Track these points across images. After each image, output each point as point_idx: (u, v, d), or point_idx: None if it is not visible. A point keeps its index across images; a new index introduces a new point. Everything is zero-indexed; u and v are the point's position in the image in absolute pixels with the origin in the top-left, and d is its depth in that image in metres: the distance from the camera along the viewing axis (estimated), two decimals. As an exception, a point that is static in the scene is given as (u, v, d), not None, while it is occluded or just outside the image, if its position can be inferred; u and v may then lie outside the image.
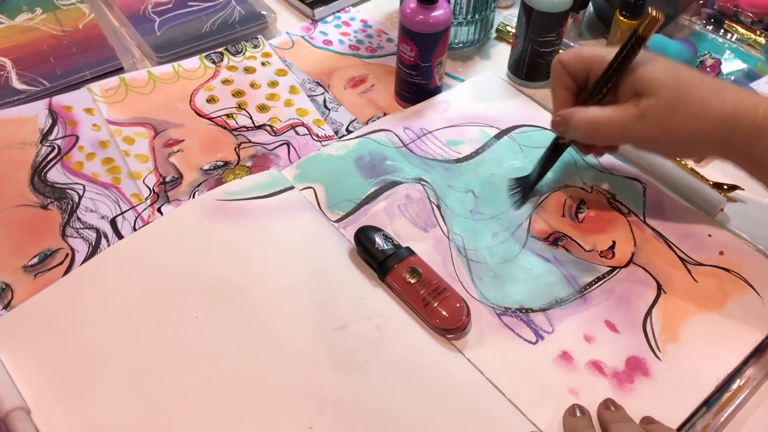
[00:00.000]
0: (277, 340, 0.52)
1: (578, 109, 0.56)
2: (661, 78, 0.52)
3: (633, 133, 0.54)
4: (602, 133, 0.56)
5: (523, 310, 0.55)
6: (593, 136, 0.57)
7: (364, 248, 0.57)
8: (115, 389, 0.49)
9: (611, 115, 0.54)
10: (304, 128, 0.71)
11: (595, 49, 0.57)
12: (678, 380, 0.51)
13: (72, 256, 0.59)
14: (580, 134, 0.57)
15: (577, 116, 0.56)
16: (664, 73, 0.53)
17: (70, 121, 0.70)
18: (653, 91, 0.52)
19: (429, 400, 0.49)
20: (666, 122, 0.53)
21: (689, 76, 0.53)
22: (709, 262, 0.59)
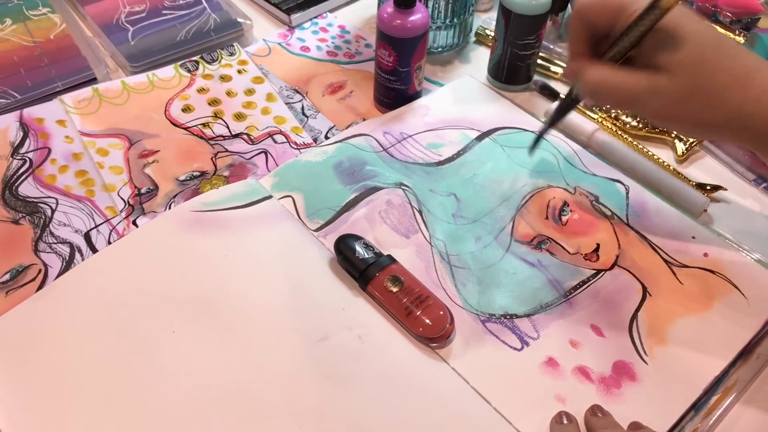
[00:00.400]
0: (256, 354, 0.51)
1: (590, 66, 0.51)
2: (684, 58, 0.47)
3: (641, 107, 0.50)
4: (609, 97, 0.51)
5: (507, 316, 0.54)
6: (600, 98, 0.55)
7: (345, 257, 0.56)
8: (91, 406, 0.48)
9: (622, 82, 0.49)
10: (281, 136, 0.70)
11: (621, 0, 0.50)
12: (665, 384, 0.51)
13: (45, 272, 0.57)
14: (587, 93, 0.53)
15: (587, 74, 0.50)
16: (690, 50, 0.47)
17: (41, 133, 0.68)
18: (673, 70, 0.47)
19: (413, 411, 0.48)
20: (678, 106, 0.49)
21: (717, 57, 0.47)
22: (693, 264, 0.58)
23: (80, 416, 0.47)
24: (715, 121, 0.49)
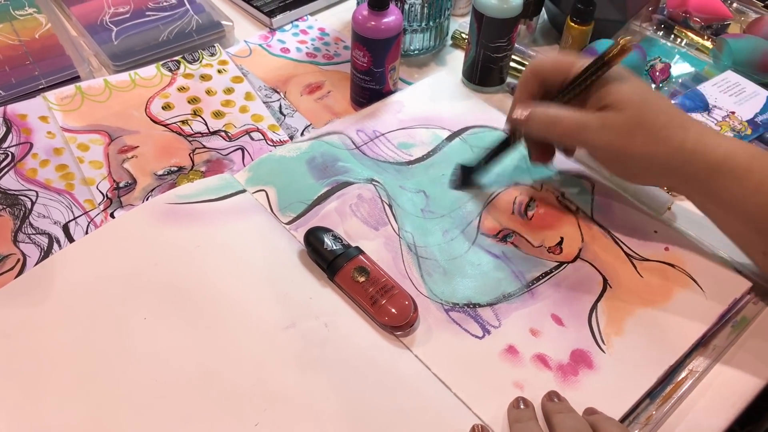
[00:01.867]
0: (224, 340, 0.52)
1: (540, 104, 0.57)
2: (631, 97, 0.53)
3: (590, 137, 0.54)
4: (559, 129, 0.55)
5: (470, 305, 0.56)
6: (550, 131, 0.57)
7: (314, 249, 0.57)
8: (62, 391, 0.49)
9: (572, 114, 0.55)
10: (259, 133, 0.71)
11: (572, 58, 0.57)
12: (622, 372, 0.52)
13: (23, 261, 0.59)
14: (536, 127, 0.57)
15: (538, 110, 0.56)
16: (635, 93, 0.53)
17: (24, 128, 0.70)
18: (620, 108, 0.53)
19: (375, 395, 0.50)
20: (626, 138, 0.53)
21: (659, 102, 0.54)
22: (654, 258, 0.60)
23: (53, 400, 0.49)
24: (658, 156, 0.53)
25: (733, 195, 0.52)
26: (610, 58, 0.54)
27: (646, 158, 0.54)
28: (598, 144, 0.55)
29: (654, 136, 0.53)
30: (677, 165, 0.53)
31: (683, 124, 0.53)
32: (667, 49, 0.85)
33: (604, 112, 0.53)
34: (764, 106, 0.74)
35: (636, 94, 0.53)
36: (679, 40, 0.87)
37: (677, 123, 0.53)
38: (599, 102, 0.54)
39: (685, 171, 0.53)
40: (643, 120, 0.52)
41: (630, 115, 0.53)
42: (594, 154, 0.57)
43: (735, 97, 0.75)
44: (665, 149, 0.53)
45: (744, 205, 0.52)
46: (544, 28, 0.90)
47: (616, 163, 0.57)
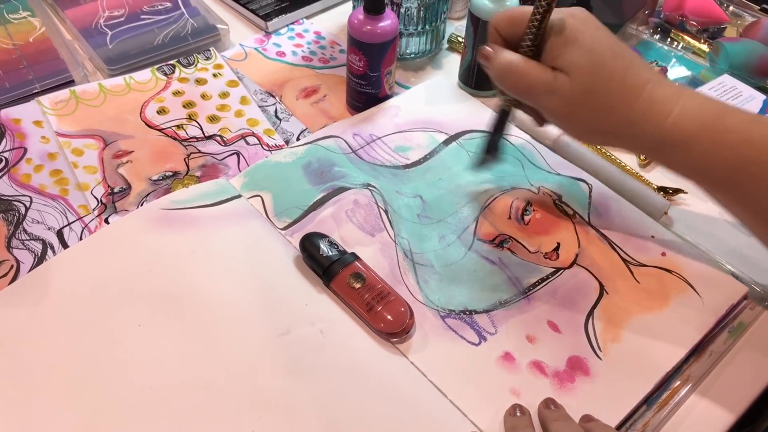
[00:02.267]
0: (219, 347, 0.52)
1: (504, 51, 0.53)
2: (582, 62, 0.50)
3: (540, 102, 0.53)
4: (514, 83, 0.53)
5: (466, 312, 0.56)
6: (506, 82, 0.54)
7: (309, 255, 0.57)
8: (56, 399, 0.49)
9: (528, 70, 0.52)
10: (254, 138, 0.71)
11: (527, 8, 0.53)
12: (618, 379, 0.52)
13: (17, 267, 0.58)
14: (494, 73, 0.54)
15: (499, 56, 0.53)
16: (587, 56, 0.50)
17: (18, 133, 0.70)
18: (569, 71, 0.50)
19: (371, 403, 0.50)
20: (572, 107, 0.51)
21: (612, 64, 0.50)
22: (651, 263, 0.60)
23: (47, 407, 0.48)
24: (604, 126, 0.52)
25: (682, 164, 0.52)
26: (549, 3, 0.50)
27: (593, 127, 0.53)
28: (546, 107, 0.53)
29: (600, 107, 0.51)
30: (624, 135, 0.52)
31: (634, 91, 0.50)
32: (664, 52, 0.85)
33: (554, 75, 0.51)
34: (761, 110, 0.74)
35: (588, 57, 0.50)
36: (676, 44, 0.86)
37: (628, 91, 0.50)
38: (552, 61, 0.51)
39: (632, 142, 0.53)
40: (591, 89, 0.50)
41: (578, 84, 0.50)
42: (545, 113, 0.55)
43: (732, 101, 0.74)
44: (612, 120, 0.51)
45: (694, 174, 0.52)
46: (541, 32, 0.89)
47: (565, 126, 0.55)
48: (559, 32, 0.51)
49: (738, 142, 0.49)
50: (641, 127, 0.51)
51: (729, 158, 0.49)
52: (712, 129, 0.50)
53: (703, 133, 0.50)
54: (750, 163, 0.49)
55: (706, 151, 0.50)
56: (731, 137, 0.49)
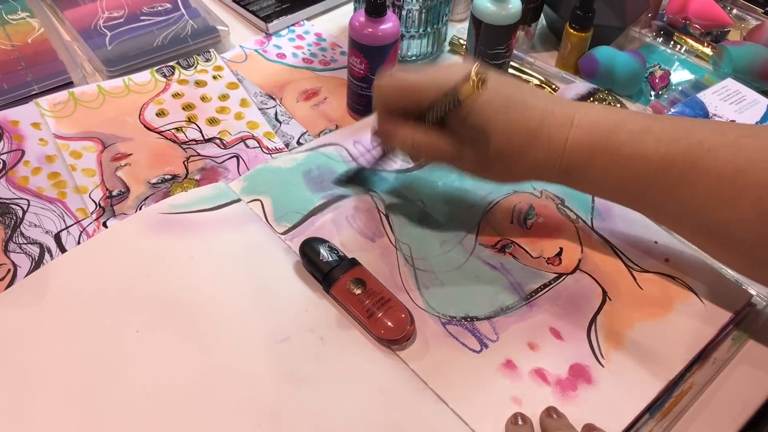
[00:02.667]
0: (218, 353, 0.51)
1: (403, 127, 0.53)
2: (482, 133, 0.51)
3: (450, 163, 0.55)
4: (418, 155, 0.56)
5: (468, 319, 0.55)
6: (408, 154, 0.56)
7: (309, 260, 0.56)
8: (53, 405, 0.48)
9: (433, 147, 0.53)
10: (254, 141, 0.71)
11: (418, 84, 0.52)
12: (621, 387, 0.51)
13: (14, 271, 0.58)
14: (397, 148, 0.56)
15: (401, 133, 0.54)
16: (485, 125, 0.51)
17: (16, 135, 0.69)
18: (473, 143, 0.52)
19: (371, 411, 0.49)
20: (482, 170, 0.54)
21: (508, 117, 0.51)
22: (654, 269, 0.59)
23: (44, 414, 0.48)
24: (516, 177, 0.56)
25: (586, 186, 0.54)
26: (464, 98, 0.49)
27: (505, 179, 0.57)
28: (458, 169, 0.55)
29: (508, 165, 0.53)
30: (534, 176, 0.55)
31: (534, 139, 0.51)
32: (667, 55, 0.85)
33: (459, 148, 0.52)
34: (765, 114, 0.73)
35: (486, 126, 0.51)
36: (679, 47, 0.86)
37: (529, 135, 0.52)
38: (453, 131, 0.52)
39: (543, 178, 0.55)
40: (496, 152, 0.52)
41: (483, 151, 0.52)
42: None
43: (735, 105, 0.74)
44: (520, 172, 0.54)
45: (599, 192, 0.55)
46: (543, 35, 0.89)
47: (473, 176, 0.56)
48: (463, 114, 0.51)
49: (629, 156, 0.50)
50: (547, 167, 0.53)
51: (623, 174, 0.51)
52: (603, 150, 0.51)
53: (596, 156, 0.51)
54: (642, 175, 0.51)
55: (602, 172, 0.52)
56: (622, 154, 0.51)
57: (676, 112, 0.73)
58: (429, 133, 0.52)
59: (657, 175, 0.50)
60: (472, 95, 0.48)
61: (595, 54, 0.79)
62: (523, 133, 0.52)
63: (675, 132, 0.50)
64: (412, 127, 0.53)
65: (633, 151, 0.50)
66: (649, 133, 0.50)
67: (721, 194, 0.49)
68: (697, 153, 0.49)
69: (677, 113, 0.73)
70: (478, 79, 0.48)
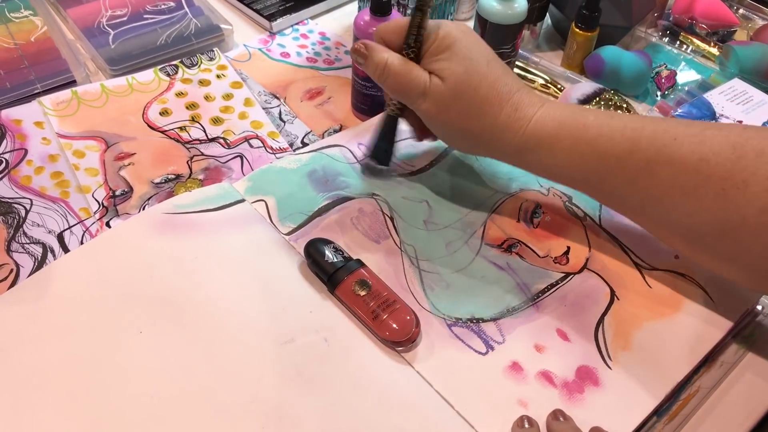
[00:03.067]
0: (222, 355, 0.51)
1: (381, 49, 0.56)
2: (455, 68, 0.53)
3: (413, 100, 0.55)
4: (389, 80, 0.55)
5: (474, 320, 0.55)
6: (381, 79, 0.56)
7: (314, 261, 0.56)
8: (55, 406, 0.48)
9: (404, 70, 0.54)
10: (258, 141, 0.70)
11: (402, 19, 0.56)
12: (628, 389, 0.51)
13: (17, 271, 0.57)
14: (370, 71, 0.57)
15: (376, 53, 0.56)
16: (460, 62, 0.53)
17: (19, 134, 0.69)
18: (444, 75, 0.53)
19: (375, 413, 0.49)
20: (443, 109, 0.54)
21: (484, 71, 0.53)
22: (663, 267, 0.59)
23: (46, 415, 0.47)
24: (473, 130, 0.55)
25: (546, 165, 0.55)
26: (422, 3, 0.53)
27: (459, 130, 0.56)
28: (419, 108, 0.56)
29: (469, 111, 0.54)
30: (489, 141, 0.55)
31: (501, 98, 0.53)
32: (673, 55, 0.84)
33: (429, 77, 0.54)
34: (772, 114, 0.73)
35: (461, 63, 0.53)
36: (685, 47, 0.85)
37: (496, 97, 0.53)
38: (428, 65, 0.54)
39: (497, 147, 0.55)
40: (461, 93, 0.53)
41: (449, 87, 0.53)
42: (419, 115, 0.57)
43: (742, 106, 0.73)
44: (478, 124, 0.54)
45: (559, 174, 0.55)
46: (548, 34, 0.88)
47: (435, 129, 0.58)
48: (438, 39, 0.54)
49: (595, 136, 0.51)
50: (506, 133, 0.54)
51: (587, 153, 0.52)
52: (570, 126, 0.52)
53: (562, 131, 0.52)
54: (607, 155, 0.51)
55: (566, 149, 0.52)
56: (588, 133, 0.52)
57: (682, 113, 0.73)
58: (404, 60, 0.55)
59: (622, 158, 0.51)
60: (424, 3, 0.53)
61: (601, 54, 0.79)
62: (494, 89, 0.53)
63: (642, 120, 0.51)
64: (389, 51, 0.55)
65: (599, 131, 0.51)
66: (616, 117, 0.52)
67: (684, 184, 0.49)
68: (662, 140, 0.49)
69: (684, 114, 0.72)
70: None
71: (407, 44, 0.55)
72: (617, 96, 0.75)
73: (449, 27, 0.54)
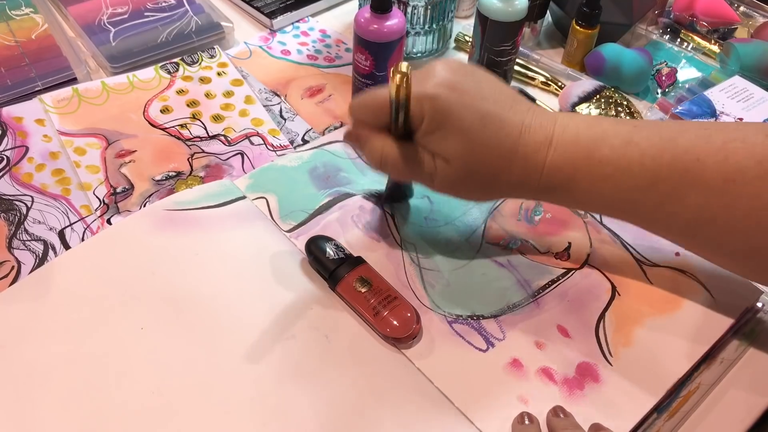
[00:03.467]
0: (223, 351, 0.51)
1: (375, 135, 0.52)
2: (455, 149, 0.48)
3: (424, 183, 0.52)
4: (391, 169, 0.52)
5: (474, 317, 0.55)
6: (382, 168, 0.53)
7: (315, 258, 0.56)
8: (57, 403, 0.48)
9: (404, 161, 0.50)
10: (258, 138, 0.70)
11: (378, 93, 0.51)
12: (628, 386, 0.51)
13: (18, 268, 0.57)
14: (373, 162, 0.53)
15: (372, 143, 0.52)
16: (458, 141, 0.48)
17: (20, 132, 0.69)
18: (447, 157, 0.49)
19: (376, 409, 0.49)
20: (457, 188, 0.51)
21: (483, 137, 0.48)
22: (664, 263, 0.59)
23: (48, 412, 0.47)
24: (493, 196, 0.54)
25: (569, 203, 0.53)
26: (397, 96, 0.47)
27: (481, 198, 0.55)
28: (430, 187, 0.52)
29: (483, 184, 0.50)
30: (511, 195, 0.54)
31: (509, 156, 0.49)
32: (674, 53, 0.84)
33: (433, 163, 0.50)
34: (773, 112, 0.73)
35: (459, 142, 0.48)
36: (686, 44, 0.85)
37: (504, 158, 0.49)
38: (426, 147, 0.50)
39: (520, 196, 0.53)
40: (470, 172, 0.49)
41: (457, 169, 0.49)
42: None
43: (743, 103, 0.73)
44: (498, 191, 0.53)
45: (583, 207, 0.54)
46: (549, 32, 0.88)
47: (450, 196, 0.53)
48: (427, 115, 0.48)
49: (612, 173, 0.48)
50: (523, 187, 0.50)
51: (608, 190, 0.49)
52: (585, 168, 0.49)
53: (578, 175, 0.49)
54: (628, 190, 0.48)
55: (585, 190, 0.49)
56: (605, 170, 0.48)
57: (682, 111, 0.73)
58: (400, 146, 0.50)
59: (645, 190, 0.48)
60: (398, 91, 0.47)
61: (602, 51, 0.79)
62: (497, 152, 0.49)
63: (660, 141, 0.48)
64: (383, 138, 0.51)
65: (616, 168, 0.48)
66: (632, 144, 0.48)
67: (712, 206, 0.47)
68: (683, 163, 0.47)
69: (684, 111, 0.73)
70: (396, 75, 0.46)
71: (395, 125, 0.50)
72: (618, 93, 0.75)
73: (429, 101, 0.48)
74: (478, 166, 0.49)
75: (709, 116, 0.72)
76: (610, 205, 0.51)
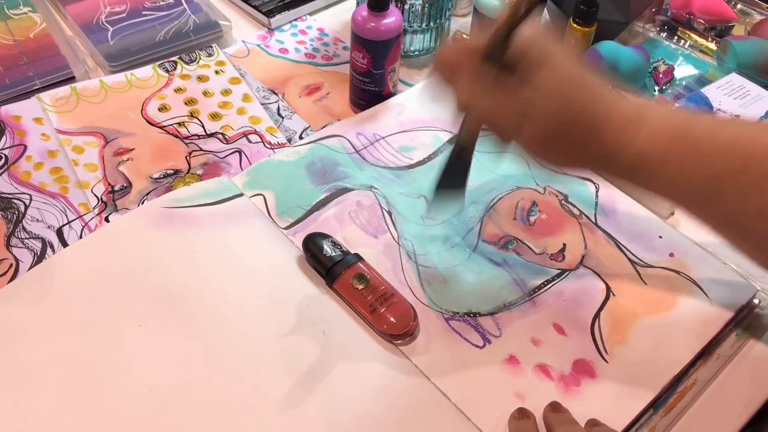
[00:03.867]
0: (220, 348, 0.51)
1: (469, 65, 0.47)
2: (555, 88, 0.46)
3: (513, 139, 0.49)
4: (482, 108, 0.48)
5: (471, 314, 0.55)
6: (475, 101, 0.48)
7: (312, 255, 0.56)
8: (54, 399, 0.48)
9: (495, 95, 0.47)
10: (256, 136, 0.70)
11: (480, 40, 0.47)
12: (624, 382, 0.51)
13: (16, 266, 0.57)
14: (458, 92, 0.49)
15: (467, 70, 0.48)
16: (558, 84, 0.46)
17: (18, 130, 0.69)
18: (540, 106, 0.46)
19: (373, 406, 0.49)
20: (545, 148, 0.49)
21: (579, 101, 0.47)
22: (658, 264, 0.59)
23: (46, 408, 0.48)
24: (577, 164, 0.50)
25: (656, 183, 0.49)
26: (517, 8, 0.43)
27: (566, 163, 0.51)
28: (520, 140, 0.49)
29: (572, 146, 0.48)
30: (596, 167, 0.51)
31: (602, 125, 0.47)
32: (671, 50, 0.84)
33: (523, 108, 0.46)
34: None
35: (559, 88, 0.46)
36: (683, 42, 0.86)
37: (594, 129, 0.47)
38: (530, 76, 0.46)
39: (605, 171, 0.51)
40: (563, 126, 0.47)
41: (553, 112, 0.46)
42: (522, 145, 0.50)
43: (740, 100, 0.74)
44: (582, 157, 0.49)
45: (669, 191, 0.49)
46: (546, 29, 0.88)
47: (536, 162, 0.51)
48: (529, 50, 0.45)
49: (707, 153, 0.46)
50: (611, 161, 0.48)
51: (700, 171, 0.47)
52: (680, 144, 0.47)
53: (673, 149, 0.47)
54: (722, 172, 0.46)
55: (677, 168, 0.47)
56: (700, 149, 0.47)
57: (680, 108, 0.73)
58: (498, 75, 0.46)
59: (737, 174, 0.45)
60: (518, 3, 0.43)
61: (599, 49, 0.79)
62: (590, 117, 0.47)
63: (748, 128, 0.46)
64: (479, 67, 0.47)
65: (711, 147, 0.46)
66: (723, 129, 0.46)
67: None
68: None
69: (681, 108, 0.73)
70: None
71: (501, 49, 0.46)
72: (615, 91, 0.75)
73: (545, 35, 0.46)
74: (568, 128, 0.47)
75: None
76: (697, 188, 0.47)
